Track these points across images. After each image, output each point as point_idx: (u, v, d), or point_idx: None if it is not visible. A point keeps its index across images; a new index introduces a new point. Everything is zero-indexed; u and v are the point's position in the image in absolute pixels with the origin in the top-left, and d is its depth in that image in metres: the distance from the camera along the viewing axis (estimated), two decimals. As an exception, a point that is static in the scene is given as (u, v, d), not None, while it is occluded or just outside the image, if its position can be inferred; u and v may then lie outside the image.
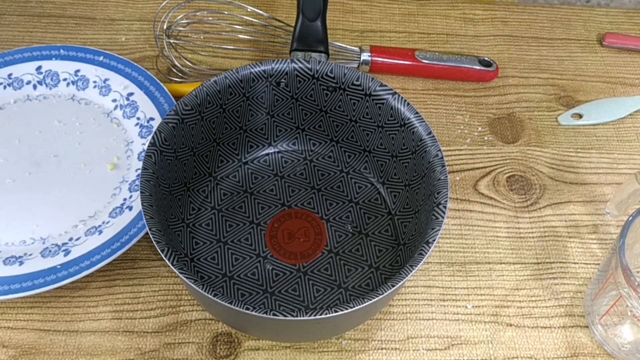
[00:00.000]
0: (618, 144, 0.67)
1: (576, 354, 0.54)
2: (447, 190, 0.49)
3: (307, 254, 0.56)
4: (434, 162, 0.51)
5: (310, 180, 0.61)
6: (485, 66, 0.70)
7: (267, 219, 0.58)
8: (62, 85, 0.66)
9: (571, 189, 0.64)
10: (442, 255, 0.59)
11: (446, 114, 0.69)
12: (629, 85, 0.72)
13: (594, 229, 0.61)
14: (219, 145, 0.59)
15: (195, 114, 0.54)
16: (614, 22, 0.78)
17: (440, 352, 0.53)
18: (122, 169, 0.61)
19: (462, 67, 0.70)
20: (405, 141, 0.55)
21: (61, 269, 0.53)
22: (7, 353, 0.52)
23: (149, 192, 0.49)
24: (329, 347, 0.53)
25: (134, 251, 0.57)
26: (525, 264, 0.59)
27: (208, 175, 0.60)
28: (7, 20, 0.74)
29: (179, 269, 0.44)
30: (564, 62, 0.74)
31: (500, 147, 0.66)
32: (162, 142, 0.52)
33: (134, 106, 0.64)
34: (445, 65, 0.70)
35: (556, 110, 0.70)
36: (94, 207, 0.58)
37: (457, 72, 0.70)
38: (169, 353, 0.52)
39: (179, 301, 0.55)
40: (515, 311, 0.56)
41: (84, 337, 0.53)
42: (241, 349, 0.53)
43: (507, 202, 0.62)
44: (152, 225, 0.47)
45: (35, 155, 0.62)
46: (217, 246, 0.56)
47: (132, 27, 0.75)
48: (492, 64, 0.71)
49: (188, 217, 0.58)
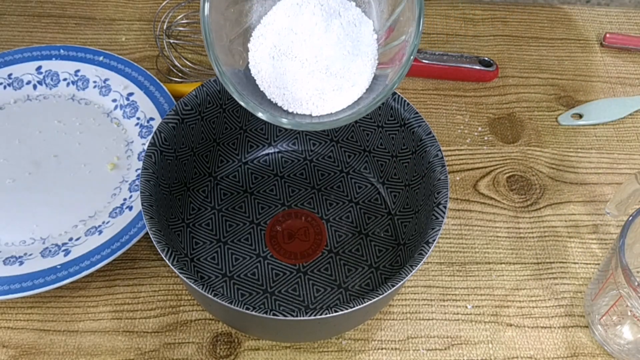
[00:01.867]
0: (618, 144, 0.67)
1: (576, 354, 0.54)
2: (447, 190, 0.49)
3: (307, 254, 0.56)
4: (434, 162, 0.51)
5: (310, 180, 0.61)
6: (486, 66, 0.70)
7: (267, 219, 0.58)
8: (62, 85, 0.66)
9: (571, 189, 0.64)
10: (442, 255, 0.59)
11: (446, 114, 0.69)
12: (629, 85, 0.72)
13: (594, 229, 0.61)
14: (219, 145, 0.59)
15: (195, 114, 0.54)
16: (614, 22, 0.78)
17: (440, 352, 0.53)
18: (122, 169, 0.61)
19: (462, 67, 0.70)
20: (405, 141, 0.55)
21: (61, 269, 0.53)
22: (7, 353, 0.52)
23: (149, 192, 0.49)
24: (329, 347, 0.53)
25: (134, 251, 0.57)
26: (525, 264, 0.59)
27: (208, 175, 0.60)
28: (7, 20, 0.74)
29: (179, 269, 0.44)
30: (564, 62, 0.74)
31: (500, 147, 0.66)
32: (162, 142, 0.52)
33: (134, 106, 0.64)
34: (446, 65, 0.70)
35: (556, 110, 0.70)
36: (94, 207, 0.58)
37: (458, 72, 0.70)
38: (169, 353, 0.52)
39: (179, 301, 0.55)
40: (515, 311, 0.56)
41: (84, 337, 0.53)
42: (241, 349, 0.53)
43: (507, 202, 0.62)
44: (152, 225, 0.47)
45: (35, 155, 0.62)
46: (217, 246, 0.56)
47: (132, 27, 0.75)
48: (493, 64, 0.71)
49: (188, 217, 0.58)
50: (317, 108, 0.46)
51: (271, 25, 0.46)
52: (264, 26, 0.46)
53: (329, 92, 0.46)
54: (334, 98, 0.46)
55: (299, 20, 0.45)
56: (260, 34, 0.46)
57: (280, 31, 0.46)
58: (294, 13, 0.46)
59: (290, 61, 0.46)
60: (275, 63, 0.46)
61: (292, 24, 0.45)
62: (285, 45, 0.46)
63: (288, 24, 0.46)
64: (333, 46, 0.45)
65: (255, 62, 0.47)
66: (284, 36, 0.46)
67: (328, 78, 0.46)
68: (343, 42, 0.46)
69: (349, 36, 0.46)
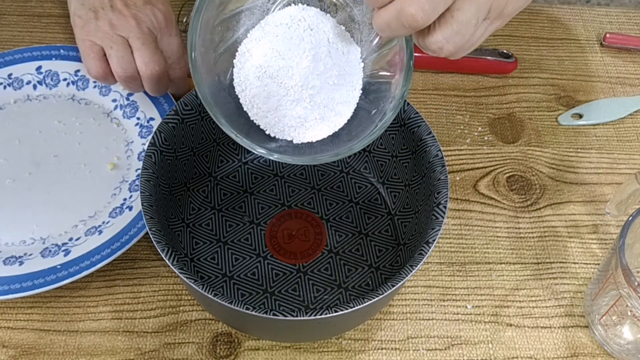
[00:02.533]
0: (618, 144, 0.67)
1: (576, 354, 0.54)
2: (447, 190, 0.49)
3: (307, 254, 0.56)
4: (434, 162, 0.51)
5: (310, 180, 0.61)
6: (505, 58, 0.71)
7: (267, 219, 0.58)
8: (62, 85, 0.66)
9: (571, 189, 0.64)
10: (442, 255, 0.59)
11: (446, 114, 0.69)
12: (629, 85, 0.72)
13: (594, 229, 0.61)
14: (219, 145, 0.59)
15: (195, 114, 0.54)
16: (614, 22, 0.78)
17: (440, 352, 0.53)
18: (122, 169, 0.61)
19: (482, 59, 0.70)
20: (405, 141, 0.55)
21: (61, 269, 0.53)
22: (7, 353, 0.52)
23: (149, 192, 0.49)
24: (329, 347, 0.53)
25: (134, 251, 0.57)
26: (525, 264, 0.59)
27: (208, 175, 0.60)
28: (7, 20, 0.74)
29: (179, 269, 0.44)
30: (564, 62, 0.74)
31: (500, 147, 0.66)
32: (162, 142, 0.52)
33: (134, 106, 0.64)
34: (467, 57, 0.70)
35: (556, 110, 0.70)
36: (94, 207, 0.58)
37: (477, 64, 0.70)
38: (169, 353, 0.52)
39: (179, 301, 0.55)
40: (515, 311, 0.56)
41: (84, 337, 0.53)
42: (241, 349, 0.53)
43: (507, 202, 0.62)
44: (152, 225, 0.47)
45: (35, 155, 0.62)
46: (217, 246, 0.56)
47: (132, 27, 0.75)
48: (511, 56, 0.71)
49: (188, 217, 0.58)
50: (298, 135, 0.47)
51: (258, 42, 0.46)
52: (250, 41, 0.46)
53: (312, 120, 0.46)
54: (316, 127, 0.47)
55: (287, 45, 0.45)
56: (246, 49, 0.46)
57: (267, 52, 0.45)
58: (282, 33, 0.45)
59: (276, 86, 0.46)
60: (260, 84, 0.46)
61: (280, 48, 0.45)
62: (273, 69, 0.45)
63: (276, 46, 0.45)
64: (319, 76, 0.45)
65: (240, 81, 0.46)
66: (271, 58, 0.45)
67: (312, 107, 0.46)
68: (330, 71, 0.45)
69: (336, 65, 0.46)
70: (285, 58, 0.45)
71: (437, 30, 0.40)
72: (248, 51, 0.46)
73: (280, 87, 0.45)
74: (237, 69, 0.46)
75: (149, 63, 0.57)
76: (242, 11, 0.46)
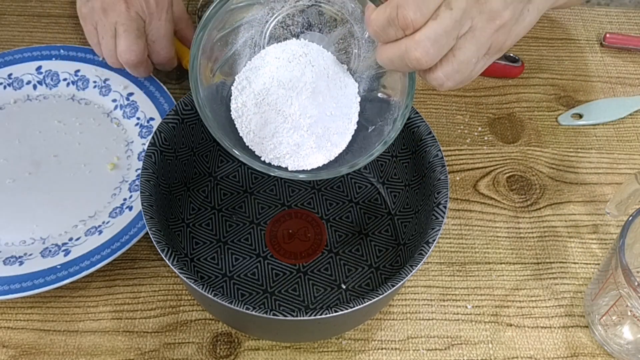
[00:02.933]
0: (618, 144, 0.67)
1: (576, 354, 0.54)
2: (447, 190, 0.49)
3: (307, 254, 0.56)
4: (434, 162, 0.51)
5: (310, 180, 0.61)
6: (512, 62, 0.71)
7: (267, 219, 0.58)
8: (62, 85, 0.66)
9: (571, 189, 0.64)
10: (442, 255, 0.59)
11: (446, 114, 0.69)
12: (629, 85, 0.72)
13: (594, 229, 0.61)
14: (219, 145, 0.59)
15: (195, 114, 0.54)
16: (614, 22, 0.78)
17: (440, 352, 0.53)
18: (122, 169, 0.61)
19: None
20: (405, 141, 0.55)
21: (61, 269, 0.53)
22: (7, 353, 0.52)
23: (149, 192, 0.49)
24: (329, 347, 0.53)
25: (134, 251, 0.57)
26: (525, 264, 0.59)
27: (208, 175, 0.60)
28: (7, 20, 0.74)
29: (179, 269, 0.44)
30: (564, 62, 0.74)
31: (500, 147, 0.66)
32: (162, 142, 0.52)
33: (134, 106, 0.64)
34: None
35: (556, 110, 0.70)
36: (94, 207, 0.58)
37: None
38: (169, 353, 0.52)
39: (179, 301, 0.55)
40: (515, 311, 0.56)
41: (84, 337, 0.53)
42: (241, 349, 0.53)
43: (507, 202, 0.62)
44: (152, 225, 0.47)
45: (35, 155, 0.62)
46: (217, 246, 0.56)
47: (132, 27, 0.75)
48: (518, 59, 0.71)
49: (188, 217, 0.58)
50: (293, 162, 0.47)
51: (257, 71, 0.46)
52: (249, 69, 0.47)
53: (307, 149, 0.47)
54: (312, 155, 0.47)
55: (289, 76, 0.46)
56: (245, 77, 0.47)
57: (267, 81, 0.46)
58: (283, 66, 0.46)
59: (275, 114, 0.46)
60: (258, 111, 0.46)
61: (282, 78, 0.46)
62: (272, 97, 0.46)
63: (277, 76, 0.46)
64: (317, 107, 0.46)
65: (237, 106, 0.47)
66: (271, 87, 0.46)
67: (309, 135, 0.47)
68: (327, 103, 0.46)
69: (334, 98, 0.47)
70: (285, 88, 0.46)
71: (438, 68, 0.41)
72: (247, 79, 0.47)
73: (279, 114, 0.46)
74: (234, 96, 0.47)
75: (125, 52, 0.60)
76: (242, 24, 0.46)
